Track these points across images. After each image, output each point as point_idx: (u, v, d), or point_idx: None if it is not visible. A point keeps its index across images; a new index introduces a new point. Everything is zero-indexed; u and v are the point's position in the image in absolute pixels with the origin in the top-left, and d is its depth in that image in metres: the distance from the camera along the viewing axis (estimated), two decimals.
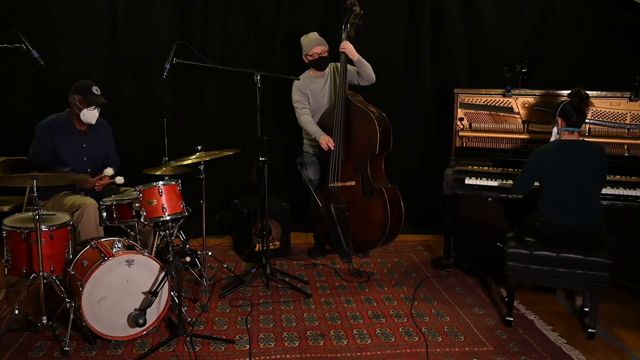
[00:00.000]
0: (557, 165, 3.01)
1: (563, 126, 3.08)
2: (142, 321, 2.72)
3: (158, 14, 4.38)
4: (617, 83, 3.70)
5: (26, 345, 2.84)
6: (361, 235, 3.84)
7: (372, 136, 3.71)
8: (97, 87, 3.44)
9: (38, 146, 3.40)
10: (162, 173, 3.41)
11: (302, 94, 3.95)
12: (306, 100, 3.96)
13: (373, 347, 2.87)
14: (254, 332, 3.02)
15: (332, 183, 3.85)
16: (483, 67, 4.63)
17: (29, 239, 2.94)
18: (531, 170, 3.11)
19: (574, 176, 2.98)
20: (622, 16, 4.31)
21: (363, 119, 3.75)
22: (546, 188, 3.07)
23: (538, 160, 3.07)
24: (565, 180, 2.99)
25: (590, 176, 2.99)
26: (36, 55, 2.95)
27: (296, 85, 3.95)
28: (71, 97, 3.42)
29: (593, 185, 3.01)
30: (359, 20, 3.80)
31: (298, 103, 3.95)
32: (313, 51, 3.86)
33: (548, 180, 3.05)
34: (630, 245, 3.48)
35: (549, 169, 3.03)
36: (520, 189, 3.23)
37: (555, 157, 3.03)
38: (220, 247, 4.48)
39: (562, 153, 3.03)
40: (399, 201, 3.80)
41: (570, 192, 2.99)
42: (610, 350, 2.89)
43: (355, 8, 3.77)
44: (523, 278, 3.12)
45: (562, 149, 3.05)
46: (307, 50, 3.88)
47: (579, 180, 2.98)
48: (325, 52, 3.90)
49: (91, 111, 3.43)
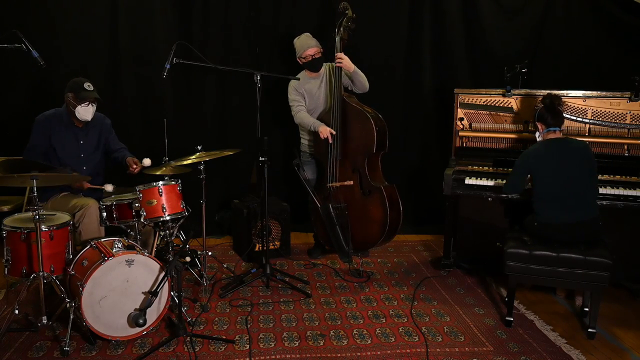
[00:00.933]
0: (544, 163, 3.06)
1: (543, 129, 3.18)
2: (142, 321, 2.72)
3: (158, 14, 4.38)
4: (617, 83, 3.70)
5: (26, 345, 2.84)
6: (361, 234, 3.85)
7: (369, 135, 3.73)
8: (90, 83, 3.43)
9: (36, 139, 3.40)
10: (162, 173, 3.41)
11: (298, 94, 3.95)
12: (302, 99, 3.96)
13: (373, 347, 2.87)
14: (254, 332, 3.02)
15: (331, 183, 3.85)
16: (483, 67, 4.63)
17: (29, 239, 2.94)
18: (520, 169, 3.16)
19: (562, 172, 3.02)
20: (622, 16, 4.31)
21: (359, 119, 3.76)
22: (538, 187, 3.10)
23: (526, 160, 3.13)
24: (554, 177, 3.03)
25: (577, 171, 3.02)
26: (36, 55, 2.95)
27: (292, 85, 3.95)
28: (66, 95, 3.43)
29: (582, 180, 3.03)
30: (351, 23, 3.81)
31: (294, 102, 3.96)
32: (306, 53, 3.86)
33: (538, 179, 3.09)
34: (630, 245, 3.48)
35: (537, 167, 3.07)
36: (511, 189, 3.26)
37: (541, 155, 3.08)
38: (220, 247, 4.48)
39: (548, 150, 3.08)
40: (397, 199, 3.82)
41: (561, 189, 3.03)
42: (610, 350, 2.89)
43: (348, 12, 3.78)
44: (523, 278, 3.12)
45: (547, 146, 3.11)
46: (300, 52, 3.89)
47: (568, 176, 3.01)
48: (319, 53, 3.89)
49: (85, 107, 3.42)
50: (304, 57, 3.88)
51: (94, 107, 3.47)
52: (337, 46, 3.79)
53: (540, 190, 3.10)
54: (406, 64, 4.71)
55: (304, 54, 3.87)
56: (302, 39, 3.90)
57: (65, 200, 3.38)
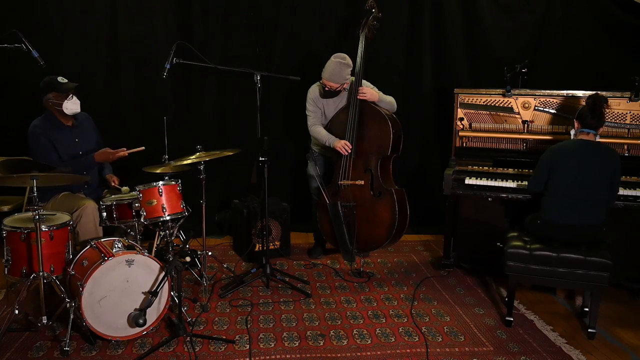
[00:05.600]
0: (567, 160, 3.02)
1: (579, 128, 3.12)
2: (142, 321, 2.72)
3: (158, 14, 4.38)
4: (617, 83, 3.70)
5: (26, 345, 2.84)
6: (366, 235, 3.85)
7: (385, 137, 3.73)
8: (62, 76, 3.43)
9: (43, 149, 3.38)
10: (162, 172, 3.41)
11: (316, 107, 3.91)
12: (319, 112, 3.93)
13: (373, 347, 2.87)
14: (254, 332, 3.02)
15: (342, 180, 3.85)
16: (483, 67, 4.63)
17: (29, 239, 2.94)
18: (544, 164, 3.11)
19: (582, 173, 2.98)
20: (622, 16, 4.30)
21: (377, 120, 3.76)
22: (553, 183, 3.07)
23: (551, 153, 3.10)
24: (573, 177, 3.00)
25: (598, 176, 2.99)
26: (36, 55, 2.95)
27: (310, 97, 3.90)
28: (45, 99, 3.41)
29: (600, 186, 3.00)
30: (376, 22, 3.82)
31: (311, 113, 3.93)
32: (326, 82, 3.75)
33: (556, 175, 3.05)
34: (630, 245, 3.48)
35: (558, 163, 3.04)
36: (535, 185, 3.18)
37: (566, 153, 3.05)
38: (220, 247, 4.48)
39: (575, 150, 3.05)
40: (406, 203, 3.83)
41: (576, 190, 3.00)
42: (610, 350, 2.89)
43: (374, 10, 3.78)
44: (523, 278, 3.12)
45: (575, 146, 3.07)
46: (323, 76, 3.75)
47: (587, 179, 2.98)
48: (341, 88, 3.77)
49: (71, 100, 3.41)
50: (324, 83, 3.77)
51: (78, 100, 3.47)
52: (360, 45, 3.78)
53: (554, 186, 3.06)
54: (406, 64, 4.70)
55: (325, 81, 3.75)
56: (331, 66, 3.70)
57: (66, 200, 3.38)
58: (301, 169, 4.31)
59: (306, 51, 4.58)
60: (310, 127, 3.94)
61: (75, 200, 3.35)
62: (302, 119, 4.02)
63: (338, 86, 3.76)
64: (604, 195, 3.04)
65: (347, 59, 3.73)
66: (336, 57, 3.71)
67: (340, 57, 3.71)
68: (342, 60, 3.70)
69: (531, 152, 3.70)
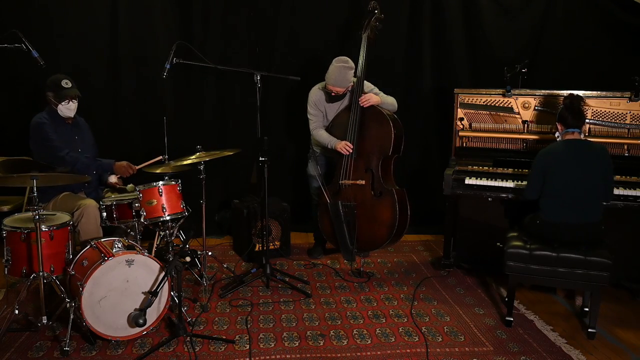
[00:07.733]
0: (560, 162, 3.03)
1: (562, 129, 3.15)
2: (142, 321, 2.72)
3: (158, 14, 4.38)
4: (617, 83, 3.70)
5: (26, 345, 2.84)
6: (367, 234, 3.85)
7: (386, 138, 3.73)
8: (69, 79, 3.42)
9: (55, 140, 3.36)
10: (162, 171, 3.41)
11: (317, 110, 3.92)
12: (320, 115, 3.94)
13: (373, 347, 2.87)
14: (254, 332, 3.02)
15: (343, 180, 3.85)
16: (483, 67, 4.63)
17: (29, 239, 2.94)
18: (538, 169, 3.12)
19: (576, 173, 2.99)
20: (622, 16, 4.30)
21: (378, 120, 3.77)
22: (549, 185, 3.07)
23: (542, 158, 3.10)
24: (567, 177, 3.01)
25: (592, 174, 3.00)
26: (36, 55, 2.95)
27: (312, 100, 3.90)
28: (46, 94, 3.43)
29: (594, 183, 3.01)
30: (379, 23, 3.83)
31: (312, 116, 3.94)
32: (332, 88, 3.75)
33: (551, 178, 3.06)
34: (630, 245, 3.48)
35: (552, 165, 3.05)
36: (531, 192, 3.17)
37: (558, 154, 3.06)
38: (220, 247, 4.48)
39: (565, 150, 3.06)
40: (407, 204, 3.84)
41: (572, 189, 3.00)
42: (610, 350, 2.89)
43: (377, 11, 3.80)
44: (523, 278, 3.12)
45: (565, 147, 3.08)
46: (327, 80, 3.75)
47: (581, 178, 2.99)
48: (346, 91, 3.79)
49: (66, 105, 3.42)
50: (330, 89, 3.77)
51: (75, 104, 3.47)
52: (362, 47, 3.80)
53: (550, 188, 3.07)
54: (406, 64, 4.71)
55: (328, 86, 3.76)
56: (334, 71, 3.69)
57: (66, 200, 3.38)
58: (301, 169, 4.31)
59: (306, 51, 4.58)
60: (312, 131, 3.95)
61: (76, 200, 3.35)
62: (302, 119, 4.03)
63: (344, 90, 3.77)
64: (600, 191, 3.05)
65: (350, 62, 3.73)
66: (338, 62, 3.71)
67: (343, 61, 3.71)
68: (345, 64, 3.70)
69: (531, 152, 3.69)
